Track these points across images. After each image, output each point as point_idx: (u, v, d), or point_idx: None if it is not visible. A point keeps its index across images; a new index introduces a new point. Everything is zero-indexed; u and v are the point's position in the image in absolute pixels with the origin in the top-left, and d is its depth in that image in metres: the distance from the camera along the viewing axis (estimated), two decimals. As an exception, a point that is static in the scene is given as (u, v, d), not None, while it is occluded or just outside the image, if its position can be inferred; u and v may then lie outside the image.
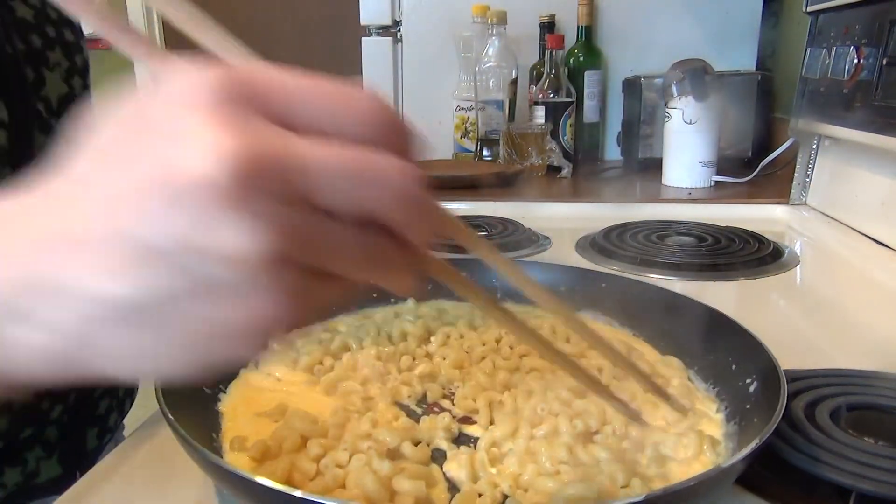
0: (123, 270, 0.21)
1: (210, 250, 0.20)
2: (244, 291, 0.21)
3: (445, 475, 0.42)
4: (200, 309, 0.21)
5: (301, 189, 0.20)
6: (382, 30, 1.62)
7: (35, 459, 0.60)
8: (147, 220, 0.20)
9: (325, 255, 0.22)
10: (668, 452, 0.43)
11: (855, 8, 0.96)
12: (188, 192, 0.19)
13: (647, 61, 1.48)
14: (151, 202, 0.20)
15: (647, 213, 1.09)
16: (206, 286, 0.21)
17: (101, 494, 0.44)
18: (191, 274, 0.20)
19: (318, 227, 0.21)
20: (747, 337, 0.48)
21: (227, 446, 0.45)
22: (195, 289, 0.21)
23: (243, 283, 0.21)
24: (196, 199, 0.19)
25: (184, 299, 0.21)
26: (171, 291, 0.21)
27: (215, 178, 0.19)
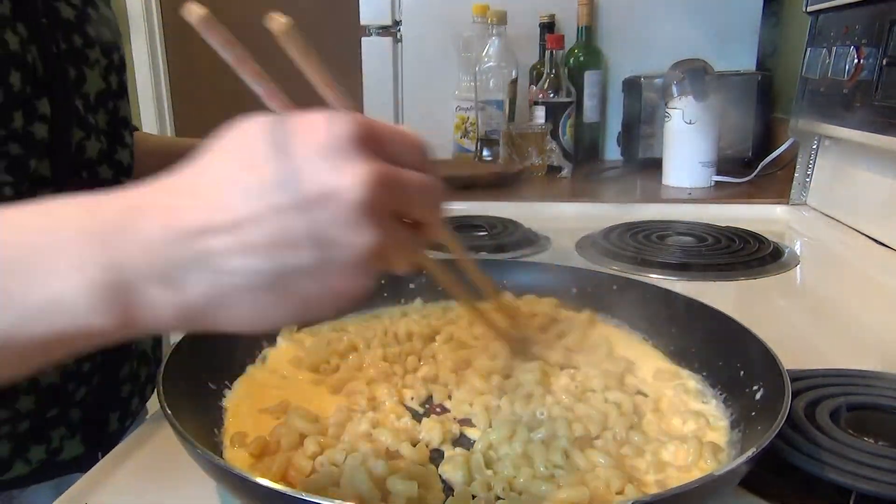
0: (264, 251, 0.28)
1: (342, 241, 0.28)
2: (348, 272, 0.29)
3: (441, 477, 0.42)
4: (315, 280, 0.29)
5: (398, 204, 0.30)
6: (382, 30, 1.62)
7: (59, 438, 0.62)
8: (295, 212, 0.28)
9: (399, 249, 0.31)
10: (669, 458, 0.43)
11: (855, 8, 0.96)
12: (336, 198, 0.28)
13: (647, 61, 1.48)
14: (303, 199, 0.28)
15: (647, 213, 1.09)
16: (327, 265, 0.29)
17: (103, 492, 0.44)
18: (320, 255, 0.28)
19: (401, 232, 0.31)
20: (757, 344, 0.48)
21: (228, 442, 0.45)
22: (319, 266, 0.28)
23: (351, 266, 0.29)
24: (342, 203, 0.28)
25: (307, 273, 0.28)
26: (300, 266, 0.28)
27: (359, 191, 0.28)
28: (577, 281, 0.65)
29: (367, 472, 0.39)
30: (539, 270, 0.68)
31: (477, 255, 0.89)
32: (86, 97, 0.60)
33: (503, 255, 0.89)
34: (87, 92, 0.60)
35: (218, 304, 0.29)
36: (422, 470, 0.42)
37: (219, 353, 0.52)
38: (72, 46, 0.59)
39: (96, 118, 0.62)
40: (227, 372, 0.53)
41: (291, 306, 0.30)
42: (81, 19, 0.61)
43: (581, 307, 0.64)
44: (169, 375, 0.43)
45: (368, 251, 0.29)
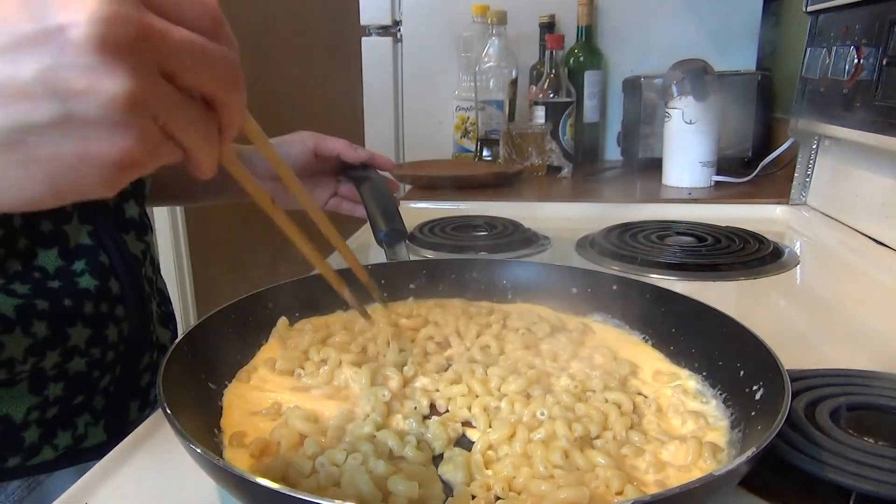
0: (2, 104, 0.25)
1: (79, 87, 0.24)
2: (105, 128, 0.25)
3: (441, 477, 0.42)
4: (62, 140, 0.25)
5: (157, 55, 0.26)
6: (382, 30, 1.62)
7: (84, 425, 0.64)
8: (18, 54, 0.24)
9: (173, 114, 0.27)
10: (669, 458, 0.43)
11: (855, 8, 0.96)
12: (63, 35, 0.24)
13: (647, 61, 1.49)
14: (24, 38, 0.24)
15: (647, 213, 1.09)
16: (71, 119, 0.25)
17: (103, 492, 0.44)
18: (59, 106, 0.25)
19: (170, 90, 0.27)
20: (757, 344, 0.48)
21: (227, 442, 0.45)
22: (61, 120, 0.25)
23: (105, 120, 0.25)
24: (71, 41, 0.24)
25: (50, 128, 0.25)
26: (38, 120, 0.25)
27: (92, 27, 0.24)
28: (577, 281, 0.65)
29: (368, 472, 0.39)
30: (539, 270, 0.68)
31: (477, 255, 0.90)
32: None
33: (503, 255, 0.89)
34: None
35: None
36: (422, 470, 0.42)
37: (219, 353, 0.52)
38: None
39: None
40: (227, 372, 0.53)
41: (42, 172, 0.26)
42: None
43: (581, 308, 0.64)
44: (169, 375, 0.43)
45: (118, 100, 0.25)
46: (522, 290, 0.67)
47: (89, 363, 0.63)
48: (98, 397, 0.65)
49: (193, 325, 0.51)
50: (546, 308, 0.65)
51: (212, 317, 0.53)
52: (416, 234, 0.98)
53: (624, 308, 0.62)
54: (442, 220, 1.04)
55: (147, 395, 0.71)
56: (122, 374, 0.67)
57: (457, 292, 0.67)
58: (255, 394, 0.51)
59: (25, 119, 0.25)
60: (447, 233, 0.98)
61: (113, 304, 0.64)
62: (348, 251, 0.52)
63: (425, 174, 1.34)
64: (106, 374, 0.65)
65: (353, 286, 0.52)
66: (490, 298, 0.67)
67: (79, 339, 0.61)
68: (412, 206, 1.19)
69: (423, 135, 1.65)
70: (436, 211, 1.13)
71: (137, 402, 0.70)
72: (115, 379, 0.66)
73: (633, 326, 0.61)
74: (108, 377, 0.65)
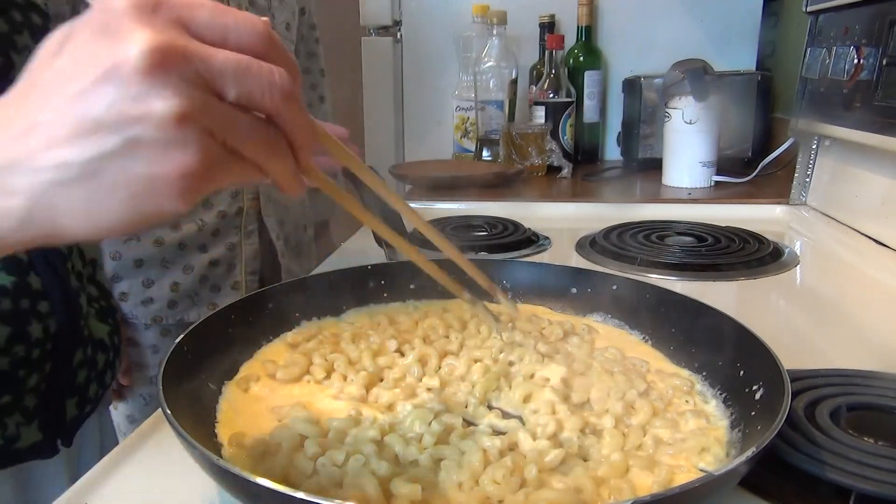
0: (69, 140, 0.28)
1: (135, 114, 0.27)
2: (164, 147, 0.27)
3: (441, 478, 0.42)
4: (131, 165, 0.28)
5: (202, 75, 0.28)
6: (382, 30, 1.62)
7: (15, 425, 0.62)
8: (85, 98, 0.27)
9: (228, 127, 0.29)
10: (669, 458, 0.43)
11: (855, 8, 0.96)
12: (116, 72, 0.27)
13: (647, 61, 1.49)
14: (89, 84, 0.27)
15: (647, 213, 1.09)
16: (135, 144, 0.27)
17: (102, 492, 0.44)
18: (122, 135, 0.27)
19: (219, 105, 0.29)
20: (757, 344, 0.48)
21: (227, 443, 0.45)
22: (126, 147, 0.27)
23: (163, 140, 0.27)
24: (123, 76, 0.27)
25: (118, 156, 0.28)
26: (107, 151, 0.28)
27: (138, 60, 0.27)
28: (577, 281, 0.65)
29: (371, 473, 0.39)
30: (539, 270, 0.68)
31: (477, 254, 0.90)
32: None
33: (503, 255, 0.89)
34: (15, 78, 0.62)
35: (46, 204, 0.29)
36: (424, 472, 0.42)
37: (219, 353, 0.52)
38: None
39: None
40: (227, 372, 0.53)
41: (119, 198, 0.28)
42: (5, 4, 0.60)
43: (581, 308, 0.64)
44: (169, 375, 0.43)
45: (168, 119, 0.27)
46: (522, 290, 0.67)
47: (13, 362, 0.61)
48: (28, 396, 0.63)
49: (193, 325, 0.51)
50: (545, 308, 0.65)
51: (212, 317, 0.53)
52: (416, 234, 0.97)
53: (624, 308, 0.62)
54: (442, 220, 1.04)
55: (86, 391, 0.69)
56: (54, 372, 0.65)
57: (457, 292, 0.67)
58: (255, 394, 0.51)
59: (98, 151, 0.28)
60: (447, 233, 0.98)
61: (34, 299, 0.63)
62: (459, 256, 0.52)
63: (425, 174, 1.34)
64: (34, 372, 0.63)
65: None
66: (490, 299, 0.67)
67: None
68: (412, 206, 1.19)
69: (423, 135, 1.65)
70: (436, 211, 1.13)
71: (75, 399, 0.68)
72: (45, 377, 0.64)
73: (633, 326, 0.61)
74: (37, 376, 0.63)
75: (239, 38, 0.30)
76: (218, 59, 0.28)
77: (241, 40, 0.30)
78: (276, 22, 1.12)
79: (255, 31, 0.30)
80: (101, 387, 0.73)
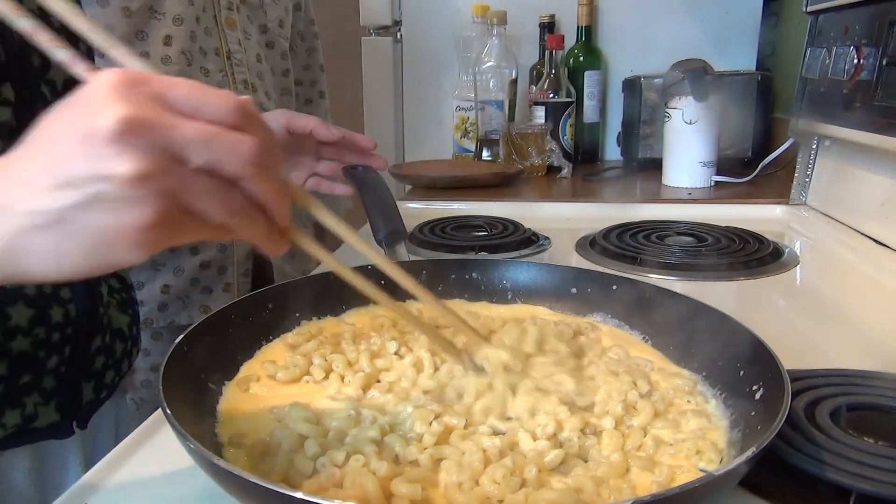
0: (46, 191, 0.32)
1: (101, 173, 0.31)
2: (122, 203, 0.31)
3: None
4: (94, 217, 0.32)
5: (167, 143, 0.32)
6: (382, 30, 1.62)
7: (33, 405, 0.64)
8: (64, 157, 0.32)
9: (187, 189, 0.33)
10: (669, 458, 0.43)
11: (855, 8, 0.96)
12: (90, 138, 0.31)
13: (647, 61, 1.49)
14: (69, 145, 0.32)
15: (647, 213, 1.09)
16: (98, 199, 0.31)
17: (103, 492, 0.44)
18: (89, 190, 0.31)
19: (181, 169, 0.33)
20: (757, 344, 0.48)
21: (226, 443, 0.45)
22: (91, 201, 0.32)
23: (121, 197, 0.31)
24: (96, 141, 0.31)
25: (84, 208, 0.32)
26: (75, 202, 0.32)
27: (109, 128, 0.31)
28: (577, 281, 0.65)
29: (371, 473, 0.39)
30: (539, 270, 0.68)
31: (477, 254, 0.90)
32: (52, 84, 0.63)
33: (503, 255, 0.89)
34: (52, 79, 0.63)
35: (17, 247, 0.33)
36: (425, 472, 0.42)
37: (219, 353, 0.52)
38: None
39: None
40: (227, 372, 0.53)
41: (81, 244, 0.33)
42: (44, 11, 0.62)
43: (581, 308, 0.64)
44: (169, 375, 0.43)
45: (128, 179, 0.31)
46: (522, 290, 0.67)
47: (34, 343, 0.63)
48: (47, 378, 0.65)
49: (194, 326, 0.51)
50: (545, 309, 0.65)
51: (212, 317, 0.53)
52: (416, 234, 0.98)
53: (624, 308, 0.62)
54: (442, 220, 1.04)
55: (102, 377, 0.71)
56: (73, 356, 0.67)
57: (457, 292, 0.67)
58: (255, 394, 0.51)
59: (68, 202, 0.32)
60: (447, 233, 0.98)
61: (57, 285, 0.65)
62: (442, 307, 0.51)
63: (425, 174, 1.34)
64: (53, 354, 0.65)
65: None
66: (490, 299, 0.67)
67: (20, 319, 0.62)
68: (412, 206, 1.19)
69: (423, 135, 1.65)
70: (436, 211, 1.13)
71: (92, 383, 0.70)
72: (65, 360, 0.66)
73: (633, 326, 0.61)
74: (56, 358, 0.65)
75: (213, 111, 0.33)
76: (185, 129, 0.32)
77: (215, 113, 0.33)
78: (269, 19, 1.12)
79: (227, 105, 0.34)
80: (118, 374, 0.75)
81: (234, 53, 1.04)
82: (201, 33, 1.00)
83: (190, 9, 0.98)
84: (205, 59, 1.01)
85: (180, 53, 0.97)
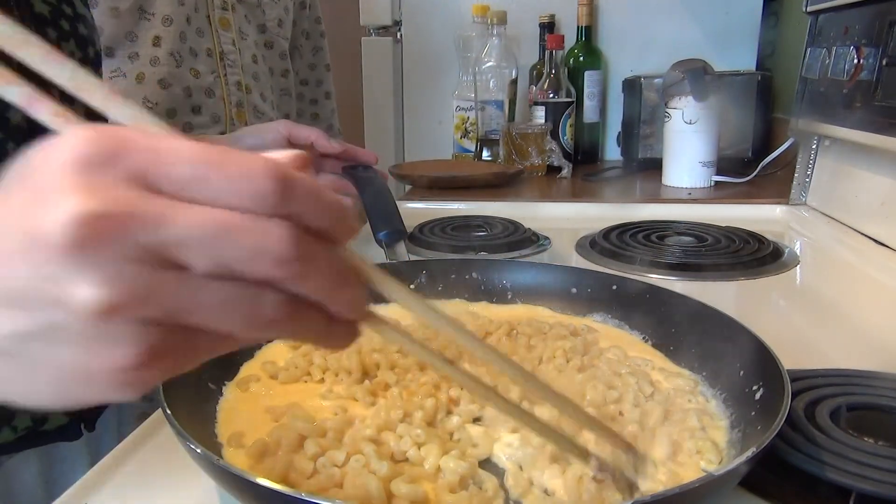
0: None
1: (50, 298, 0.22)
2: (86, 340, 0.22)
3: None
4: (53, 350, 0.23)
5: (152, 249, 0.22)
6: (382, 30, 1.62)
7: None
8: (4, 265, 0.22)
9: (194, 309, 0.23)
10: (668, 458, 0.43)
11: (855, 8, 0.96)
12: (38, 245, 0.21)
13: (647, 61, 1.49)
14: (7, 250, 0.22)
15: (647, 213, 1.09)
16: (52, 330, 0.22)
17: (103, 492, 0.44)
18: (38, 317, 0.22)
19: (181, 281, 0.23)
20: (757, 344, 0.48)
21: (226, 443, 0.45)
22: (43, 331, 0.23)
23: (83, 333, 0.22)
24: (40, 250, 0.21)
25: (35, 339, 0.23)
26: (23, 331, 0.23)
27: (61, 234, 0.21)
28: (577, 281, 0.65)
29: (371, 473, 0.39)
30: (539, 270, 0.68)
31: (477, 254, 0.90)
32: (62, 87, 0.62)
33: (503, 255, 0.89)
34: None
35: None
36: (426, 472, 0.42)
37: (219, 353, 0.52)
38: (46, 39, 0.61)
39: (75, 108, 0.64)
40: (227, 372, 0.53)
41: (45, 380, 0.24)
42: (56, 15, 0.62)
43: (581, 308, 0.64)
44: (169, 375, 0.43)
45: (89, 312, 0.22)
46: (522, 290, 0.67)
47: None
48: None
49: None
50: (545, 309, 0.65)
51: (212, 317, 0.53)
52: (416, 234, 0.98)
53: (624, 308, 0.62)
54: (442, 220, 1.04)
55: None
56: None
57: (456, 292, 0.67)
58: (254, 394, 0.51)
59: (13, 329, 0.23)
60: (447, 233, 0.98)
61: None
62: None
63: (425, 174, 1.34)
64: None
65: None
66: (490, 299, 0.67)
67: None
68: (412, 206, 1.19)
69: (423, 135, 1.65)
70: (436, 211, 1.13)
71: None
72: None
73: (633, 326, 0.61)
74: None
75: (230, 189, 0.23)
76: (180, 221, 0.22)
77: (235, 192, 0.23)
78: (268, 18, 1.12)
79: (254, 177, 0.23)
80: None
81: (228, 54, 1.04)
82: (192, 34, 1.00)
83: (180, 9, 0.97)
84: (195, 61, 1.00)
85: (169, 55, 0.97)
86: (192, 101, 1.01)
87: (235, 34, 1.05)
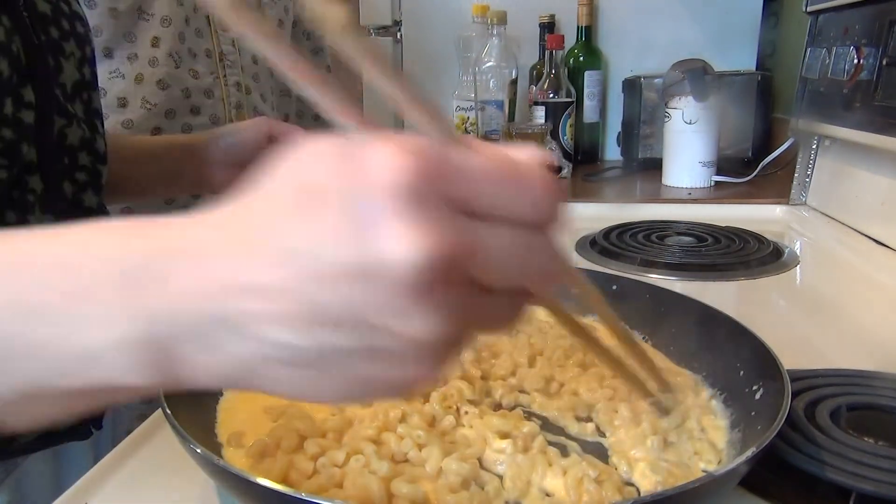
0: (300, 326, 0.23)
1: (385, 329, 0.23)
2: (402, 361, 0.24)
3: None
4: (361, 365, 0.24)
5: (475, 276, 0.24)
6: (382, 30, 1.62)
7: None
8: (326, 286, 0.22)
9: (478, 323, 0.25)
10: (669, 458, 0.43)
11: (855, 8, 0.96)
12: (378, 277, 0.22)
13: (647, 61, 1.48)
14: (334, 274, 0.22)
15: (647, 213, 1.09)
16: (371, 352, 0.24)
17: (102, 492, 0.44)
18: (360, 341, 0.23)
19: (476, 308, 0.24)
20: (757, 344, 0.48)
21: (226, 443, 0.45)
22: (360, 352, 0.24)
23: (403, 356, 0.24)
24: (386, 285, 0.22)
25: (348, 356, 0.24)
26: (338, 349, 0.24)
27: (406, 273, 0.22)
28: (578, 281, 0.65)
29: (371, 473, 0.39)
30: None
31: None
32: (63, 87, 0.63)
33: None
34: (64, 82, 0.63)
35: (254, 373, 0.25)
36: (426, 472, 0.42)
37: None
38: (49, 38, 0.62)
39: (74, 107, 0.64)
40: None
41: (341, 387, 0.25)
42: (56, 13, 0.63)
43: (581, 308, 0.64)
44: (169, 375, 0.43)
45: (421, 344, 0.23)
46: (522, 290, 0.67)
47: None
48: None
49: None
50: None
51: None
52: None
53: (624, 308, 0.62)
54: (442, 220, 1.04)
55: None
56: None
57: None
58: (254, 394, 0.51)
59: (328, 346, 0.24)
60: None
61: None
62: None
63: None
64: None
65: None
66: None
67: None
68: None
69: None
70: (436, 211, 1.13)
71: None
72: None
73: (632, 326, 0.61)
74: None
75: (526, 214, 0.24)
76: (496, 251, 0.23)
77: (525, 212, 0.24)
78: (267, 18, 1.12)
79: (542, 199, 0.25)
80: None
81: (228, 55, 1.04)
82: (191, 34, 1.00)
83: (179, 9, 0.97)
84: (194, 61, 1.00)
85: (168, 56, 0.97)
86: (191, 101, 1.01)
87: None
